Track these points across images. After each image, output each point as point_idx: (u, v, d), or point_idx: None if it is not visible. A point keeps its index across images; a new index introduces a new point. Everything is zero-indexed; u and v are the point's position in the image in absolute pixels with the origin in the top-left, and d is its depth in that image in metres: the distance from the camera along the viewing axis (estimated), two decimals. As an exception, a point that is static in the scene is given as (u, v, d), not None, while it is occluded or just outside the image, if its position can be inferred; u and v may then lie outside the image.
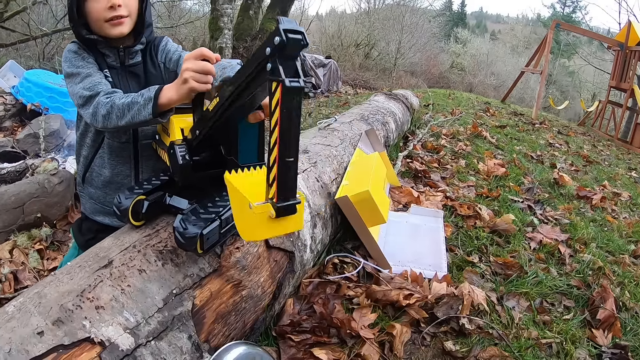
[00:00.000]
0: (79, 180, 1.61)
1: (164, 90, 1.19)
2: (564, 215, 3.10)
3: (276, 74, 0.80)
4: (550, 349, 1.74)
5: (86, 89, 1.31)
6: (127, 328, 0.96)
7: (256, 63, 0.87)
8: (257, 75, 0.89)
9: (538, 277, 2.18)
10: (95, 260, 1.09)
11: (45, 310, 0.91)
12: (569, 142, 6.20)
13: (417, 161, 3.74)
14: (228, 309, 1.21)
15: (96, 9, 1.33)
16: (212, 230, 1.13)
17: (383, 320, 1.74)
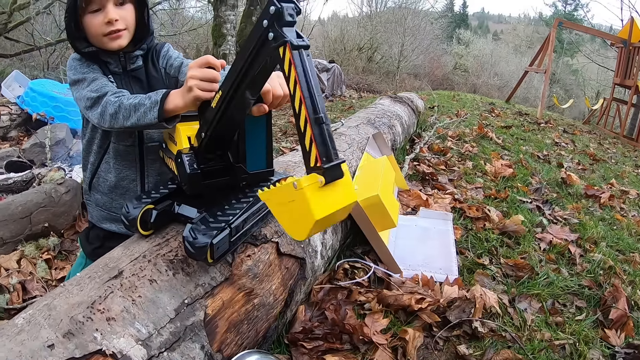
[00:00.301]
0: (86, 188, 1.61)
1: (170, 95, 1.18)
2: (573, 215, 3.07)
3: (280, 38, 0.82)
4: (563, 350, 1.72)
5: (93, 90, 1.32)
6: (139, 339, 0.95)
7: (256, 38, 0.88)
8: (260, 48, 0.89)
9: (549, 278, 2.15)
10: (105, 270, 1.07)
11: (55, 322, 0.90)
12: (574, 141, 6.16)
13: (424, 164, 3.72)
14: (240, 318, 1.19)
15: (94, 25, 1.36)
16: (222, 240, 1.12)
17: (395, 325, 1.72)
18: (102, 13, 1.33)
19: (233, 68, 0.99)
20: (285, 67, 0.82)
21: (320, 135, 0.80)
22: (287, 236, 1.48)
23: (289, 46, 0.81)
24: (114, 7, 1.34)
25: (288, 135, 4.99)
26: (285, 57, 0.82)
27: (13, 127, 5.36)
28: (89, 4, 1.33)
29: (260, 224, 1.36)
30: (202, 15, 15.53)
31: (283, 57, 0.82)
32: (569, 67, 26.07)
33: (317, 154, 0.79)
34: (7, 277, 2.34)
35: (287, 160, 2.08)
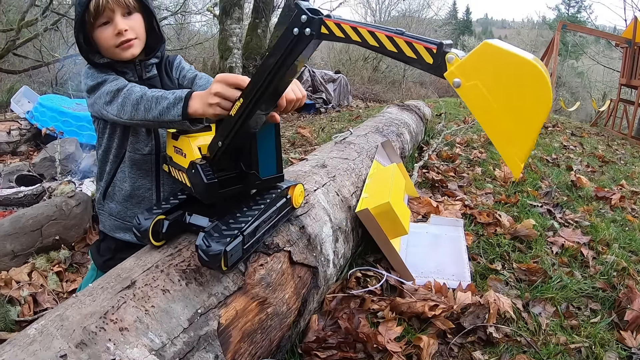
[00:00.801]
0: (99, 198, 1.61)
1: (193, 97, 1.17)
2: (584, 217, 3.04)
3: (316, 24, 0.87)
4: (579, 353, 1.69)
5: (112, 85, 1.33)
6: (152, 349, 0.94)
7: (285, 46, 0.94)
8: (294, 47, 0.94)
9: (562, 282, 2.13)
10: (118, 281, 1.07)
11: (67, 332, 0.89)
12: (583, 144, 6.12)
13: (433, 171, 3.71)
14: (254, 327, 1.19)
15: (104, 38, 1.37)
16: (235, 247, 1.12)
17: (409, 333, 1.70)
18: (111, 25, 1.35)
19: (255, 78, 1.01)
20: (338, 33, 0.86)
21: (412, 36, 0.79)
22: (299, 245, 1.47)
23: (326, 19, 0.86)
24: (122, 18, 1.35)
25: (297, 147, 4.99)
26: (331, 27, 0.86)
27: (23, 142, 5.42)
28: (97, 18, 1.34)
29: (272, 232, 1.35)
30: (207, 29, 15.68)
31: (329, 29, 0.86)
32: (575, 70, 25.97)
33: (425, 46, 0.76)
34: (18, 289, 2.35)
35: (297, 169, 2.09)
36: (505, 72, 0.64)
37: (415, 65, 0.80)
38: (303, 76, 10.89)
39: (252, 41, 9.89)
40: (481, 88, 0.66)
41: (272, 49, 0.97)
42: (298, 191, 1.46)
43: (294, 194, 1.45)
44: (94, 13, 1.32)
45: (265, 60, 0.99)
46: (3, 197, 3.38)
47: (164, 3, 13.53)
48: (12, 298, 2.30)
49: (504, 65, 0.65)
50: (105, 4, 1.32)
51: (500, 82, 0.65)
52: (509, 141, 0.68)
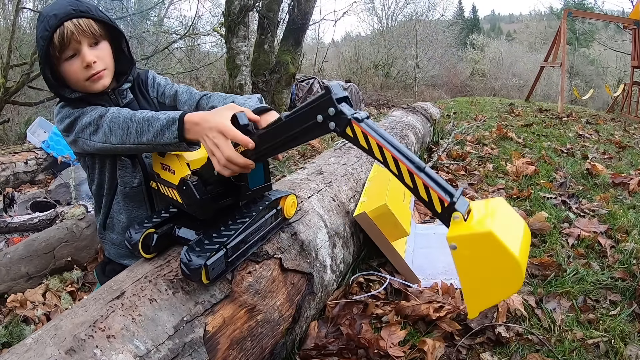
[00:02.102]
0: (99, 228, 1.61)
1: (187, 122, 1.12)
2: (601, 206, 2.95)
3: (339, 120, 0.83)
4: (597, 349, 1.62)
5: (92, 115, 1.28)
6: (137, 356, 0.95)
7: (303, 125, 0.89)
8: (310, 130, 0.90)
9: (579, 274, 2.06)
10: (109, 292, 1.10)
11: (59, 340, 0.93)
12: (598, 131, 5.97)
13: (442, 171, 3.66)
14: (243, 335, 1.18)
15: (72, 72, 1.31)
16: (217, 260, 1.13)
17: (414, 337, 1.67)
18: (78, 58, 1.28)
19: (263, 138, 0.99)
20: (362, 141, 0.83)
21: (430, 179, 0.79)
22: (290, 252, 1.46)
23: (354, 122, 0.82)
24: (89, 49, 1.28)
25: (306, 157, 4.98)
26: (356, 132, 0.83)
27: (40, 171, 5.56)
28: (63, 52, 1.27)
29: (260, 243, 1.35)
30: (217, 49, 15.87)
31: (355, 134, 0.83)
32: (587, 58, 25.51)
33: (439, 196, 0.78)
34: (32, 309, 2.40)
35: (293, 178, 2.08)
36: (494, 258, 0.74)
37: (425, 205, 0.83)
38: (313, 88, 10.96)
39: (260, 57, 9.96)
40: (471, 258, 0.77)
41: (289, 120, 0.92)
42: (290, 202, 1.46)
43: (286, 205, 1.44)
44: (59, 46, 1.25)
45: (277, 127, 0.96)
46: (19, 223, 3.46)
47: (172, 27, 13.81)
48: (27, 318, 2.35)
49: (495, 254, 0.74)
50: (70, 36, 1.24)
51: (488, 263, 0.75)
52: (477, 296, 0.81)
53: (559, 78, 9.63)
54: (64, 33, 1.23)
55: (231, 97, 1.40)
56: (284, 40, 10.31)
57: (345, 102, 0.85)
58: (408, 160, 0.80)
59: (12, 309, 2.44)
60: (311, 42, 19.35)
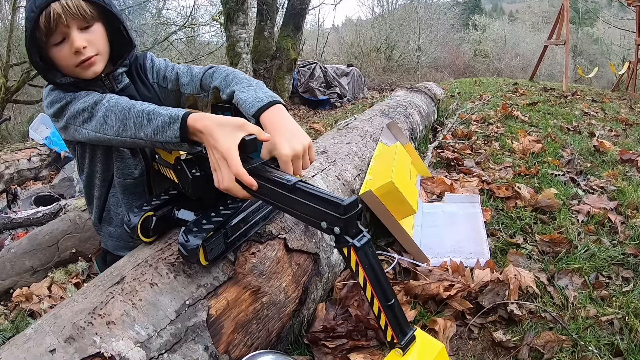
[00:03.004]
0: (95, 221, 1.53)
1: (190, 125, 1.04)
2: (610, 182, 2.90)
3: (342, 241, 0.83)
4: (611, 325, 1.57)
5: (86, 100, 1.18)
6: (138, 342, 0.92)
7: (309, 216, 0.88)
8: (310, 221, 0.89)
9: (590, 250, 2.01)
10: (109, 278, 1.07)
11: (58, 329, 0.91)
12: (604, 109, 5.89)
13: (448, 150, 3.60)
14: (248, 318, 1.14)
15: (62, 57, 1.20)
16: (215, 241, 1.09)
17: (425, 317, 1.63)
18: (67, 43, 1.17)
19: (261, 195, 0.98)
20: (352, 265, 0.86)
21: (394, 318, 0.90)
22: (295, 232, 1.42)
23: (353, 249, 0.83)
24: (79, 34, 1.17)
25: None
26: (350, 257, 0.85)
27: (44, 167, 5.56)
28: (50, 37, 1.17)
29: (262, 223, 1.31)
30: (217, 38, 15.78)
31: (348, 255, 0.85)
32: (590, 37, 25.21)
33: (392, 333, 0.91)
34: (38, 302, 2.38)
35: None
36: None
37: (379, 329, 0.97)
38: (315, 73, 10.90)
39: (260, 44, 9.89)
40: None
41: (296, 200, 0.89)
42: None
43: None
44: (45, 31, 1.14)
45: (282, 194, 0.92)
46: (23, 219, 3.45)
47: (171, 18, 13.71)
48: (33, 311, 2.33)
49: None
50: (56, 19, 1.13)
51: None
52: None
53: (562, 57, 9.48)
54: (50, 16, 1.12)
55: (233, 76, 1.29)
56: (283, 26, 10.24)
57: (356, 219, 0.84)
58: (384, 298, 0.88)
59: (18, 304, 2.42)
60: (311, 27, 19.23)
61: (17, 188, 4.31)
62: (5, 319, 2.32)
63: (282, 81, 9.89)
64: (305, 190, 0.86)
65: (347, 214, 0.80)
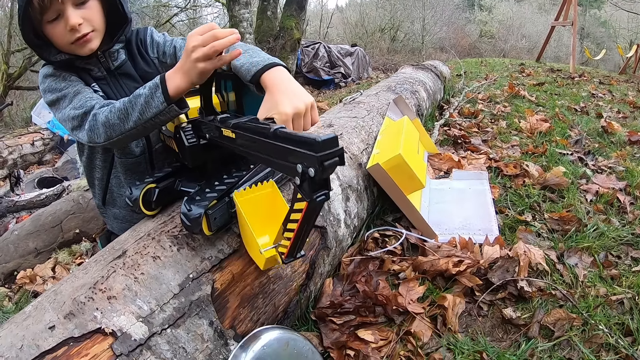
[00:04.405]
0: (98, 203, 1.52)
1: (168, 77, 1.03)
2: (618, 163, 2.84)
3: (304, 190, 0.74)
4: (621, 305, 1.54)
5: (77, 107, 1.17)
6: (140, 317, 0.90)
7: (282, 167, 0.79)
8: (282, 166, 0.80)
9: (599, 229, 1.97)
10: (111, 252, 1.05)
11: (58, 305, 0.89)
12: (612, 91, 5.79)
13: (454, 128, 3.55)
14: (254, 292, 1.11)
15: (57, 34, 1.18)
16: (219, 209, 1.05)
17: (433, 293, 1.60)
18: (62, 20, 1.15)
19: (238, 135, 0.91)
20: (295, 205, 0.80)
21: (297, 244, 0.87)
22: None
23: (307, 203, 0.76)
24: (74, 10, 1.14)
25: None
26: (299, 200, 0.78)
27: (47, 151, 5.54)
28: (44, 14, 1.14)
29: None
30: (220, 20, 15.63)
31: (298, 199, 0.78)
32: (598, 20, 24.81)
33: (287, 251, 0.89)
34: (42, 284, 2.37)
35: (302, 132, 1.99)
36: None
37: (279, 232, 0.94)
38: (319, 53, 10.79)
39: (263, 24, 9.77)
40: None
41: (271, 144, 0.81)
42: None
43: None
44: (39, 8, 1.12)
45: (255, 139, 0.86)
46: (27, 201, 3.44)
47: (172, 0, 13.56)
48: (37, 293, 2.32)
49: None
50: None
51: None
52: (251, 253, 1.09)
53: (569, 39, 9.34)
54: None
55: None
56: (287, 6, 10.11)
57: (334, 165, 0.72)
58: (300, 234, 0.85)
59: (21, 286, 2.42)
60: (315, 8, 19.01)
61: (20, 171, 4.30)
62: (9, 301, 2.31)
63: (286, 61, 9.78)
64: (285, 136, 0.77)
65: (322, 151, 0.69)
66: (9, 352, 0.79)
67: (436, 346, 1.39)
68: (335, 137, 0.70)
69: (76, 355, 0.81)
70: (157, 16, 11.80)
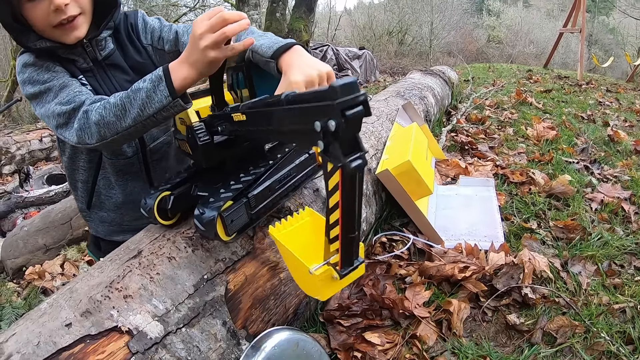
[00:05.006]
0: (82, 207, 1.40)
1: (172, 70, 0.93)
2: (624, 172, 2.86)
3: (332, 153, 0.60)
4: (624, 314, 1.56)
5: (64, 102, 1.03)
6: (155, 316, 0.91)
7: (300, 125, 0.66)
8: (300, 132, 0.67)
9: (603, 238, 1.99)
10: (126, 252, 1.07)
11: (75, 303, 0.90)
12: (619, 99, 5.79)
13: (462, 134, 3.57)
14: (266, 293, 1.13)
15: (38, 16, 1.04)
16: (235, 211, 0.97)
17: (439, 297, 1.62)
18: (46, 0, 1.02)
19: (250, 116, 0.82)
20: (330, 184, 0.65)
21: (349, 249, 0.72)
22: (313, 207, 1.40)
23: (340, 171, 0.62)
24: None
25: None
26: (331, 175, 0.63)
27: (55, 148, 5.57)
28: None
29: (292, 193, 1.18)
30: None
31: (330, 174, 0.63)
32: (606, 27, 24.74)
33: (339, 262, 0.74)
34: (51, 280, 2.39)
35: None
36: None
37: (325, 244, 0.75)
38: (327, 55, 10.80)
39: (272, 25, 9.80)
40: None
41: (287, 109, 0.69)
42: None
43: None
44: None
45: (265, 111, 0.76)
46: (35, 197, 3.47)
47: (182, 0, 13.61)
48: (46, 289, 2.35)
49: None
50: None
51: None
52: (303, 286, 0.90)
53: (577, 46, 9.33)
54: None
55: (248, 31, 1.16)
56: (295, 8, 10.15)
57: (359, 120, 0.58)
58: (347, 228, 0.70)
59: (30, 281, 2.44)
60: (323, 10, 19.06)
61: (29, 167, 4.34)
62: (18, 296, 2.34)
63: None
64: (297, 97, 0.67)
65: (341, 97, 0.56)
66: (25, 348, 0.80)
67: (441, 350, 1.41)
68: (354, 82, 0.57)
69: (93, 353, 0.82)
70: (166, 15, 11.87)
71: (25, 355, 0.79)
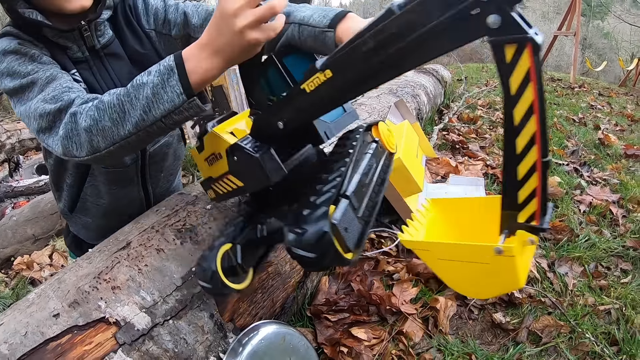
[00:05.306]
0: (64, 209, 1.25)
1: (187, 59, 0.71)
2: (613, 175, 2.89)
3: (512, 27, 0.46)
4: (609, 315, 1.59)
5: (49, 100, 0.83)
6: (143, 307, 0.92)
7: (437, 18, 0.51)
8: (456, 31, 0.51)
9: (591, 240, 2.02)
10: (115, 243, 1.06)
11: (62, 293, 0.90)
12: (611, 103, 5.85)
13: (453, 133, 3.59)
14: (253, 286, 1.14)
15: None
16: (345, 214, 0.67)
17: (426, 295, 1.64)
18: None
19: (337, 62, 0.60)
20: (513, 80, 0.49)
21: (545, 182, 0.55)
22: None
23: (530, 47, 0.46)
24: None
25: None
26: (517, 62, 0.48)
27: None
28: None
29: (383, 190, 0.82)
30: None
31: (514, 62, 0.48)
32: (600, 31, 24.96)
33: (537, 210, 0.56)
34: (39, 270, 2.38)
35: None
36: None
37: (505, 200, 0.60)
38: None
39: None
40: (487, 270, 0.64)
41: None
42: (384, 130, 0.88)
43: (381, 134, 0.87)
44: None
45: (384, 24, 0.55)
46: (25, 187, 3.44)
47: None
48: (34, 279, 2.34)
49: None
50: None
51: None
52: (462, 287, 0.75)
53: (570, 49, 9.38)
54: None
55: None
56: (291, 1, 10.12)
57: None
58: (544, 145, 0.52)
59: (18, 272, 2.43)
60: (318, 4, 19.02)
61: (19, 156, 4.30)
62: (5, 286, 2.33)
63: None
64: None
65: None
66: (12, 338, 0.80)
67: (427, 347, 1.43)
68: None
69: (80, 343, 0.82)
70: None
71: (12, 345, 0.79)
